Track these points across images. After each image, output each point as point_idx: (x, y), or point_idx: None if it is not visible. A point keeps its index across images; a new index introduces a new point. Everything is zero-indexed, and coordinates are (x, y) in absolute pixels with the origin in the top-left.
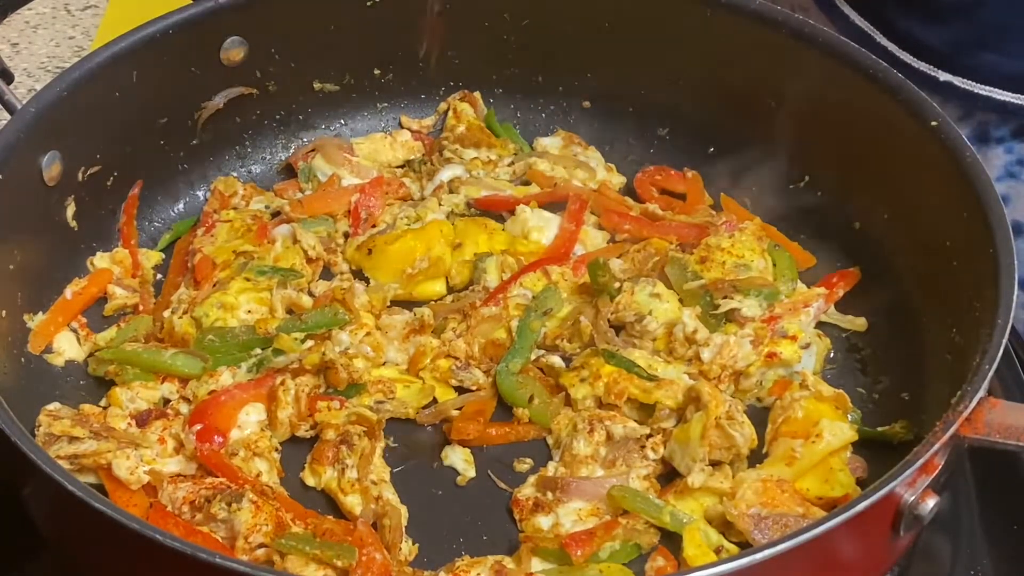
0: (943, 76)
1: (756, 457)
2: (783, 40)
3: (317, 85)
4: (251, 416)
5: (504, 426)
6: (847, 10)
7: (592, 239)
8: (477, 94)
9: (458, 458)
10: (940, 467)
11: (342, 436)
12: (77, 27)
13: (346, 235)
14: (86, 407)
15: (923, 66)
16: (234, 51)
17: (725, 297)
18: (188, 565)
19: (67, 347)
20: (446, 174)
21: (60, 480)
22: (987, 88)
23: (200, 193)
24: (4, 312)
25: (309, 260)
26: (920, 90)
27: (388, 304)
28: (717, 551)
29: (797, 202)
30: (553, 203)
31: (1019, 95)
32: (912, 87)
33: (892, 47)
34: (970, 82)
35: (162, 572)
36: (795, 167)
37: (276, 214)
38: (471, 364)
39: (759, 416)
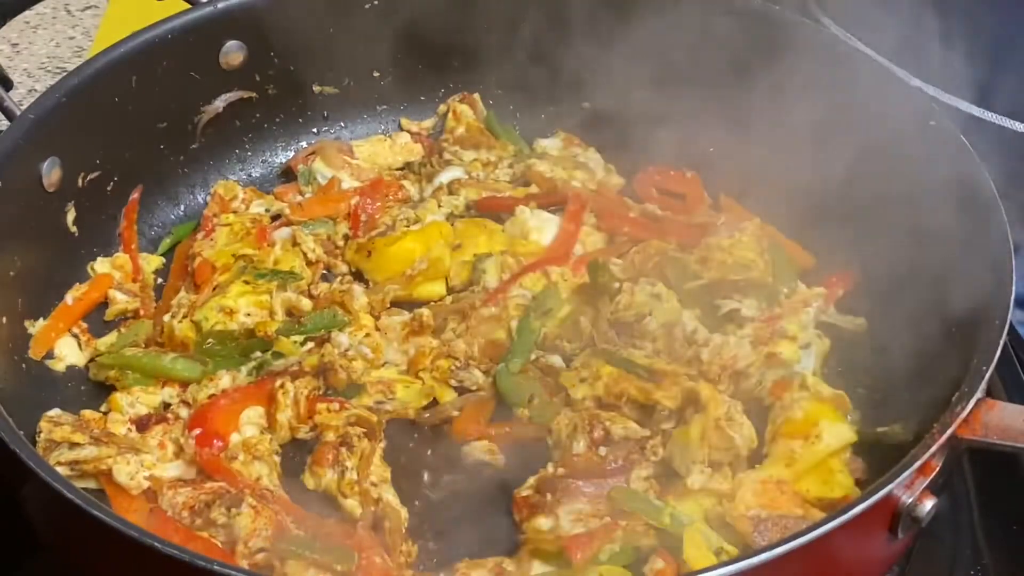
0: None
1: (756, 457)
2: (786, 41)
3: (316, 88)
4: (251, 419)
5: (504, 426)
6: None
7: (591, 239)
8: (476, 96)
9: (482, 452)
10: (938, 469)
11: (342, 438)
12: (77, 27)
13: (346, 237)
14: (87, 413)
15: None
16: (233, 55)
17: (725, 297)
18: (186, 572)
19: (68, 352)
20: (446, 176)
21: (59, 488)
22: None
23: (200, 197)
24: (5, 318)
25: (309, 262)
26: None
27: (388, 305)
28: (717, 553)
29: (797, 202)
30: (552, 204)
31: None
32: (910, 86)
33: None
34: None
35: None
36: (794, 166)
37: (276, 217)
38: (471, 364)
39: (759, 416)
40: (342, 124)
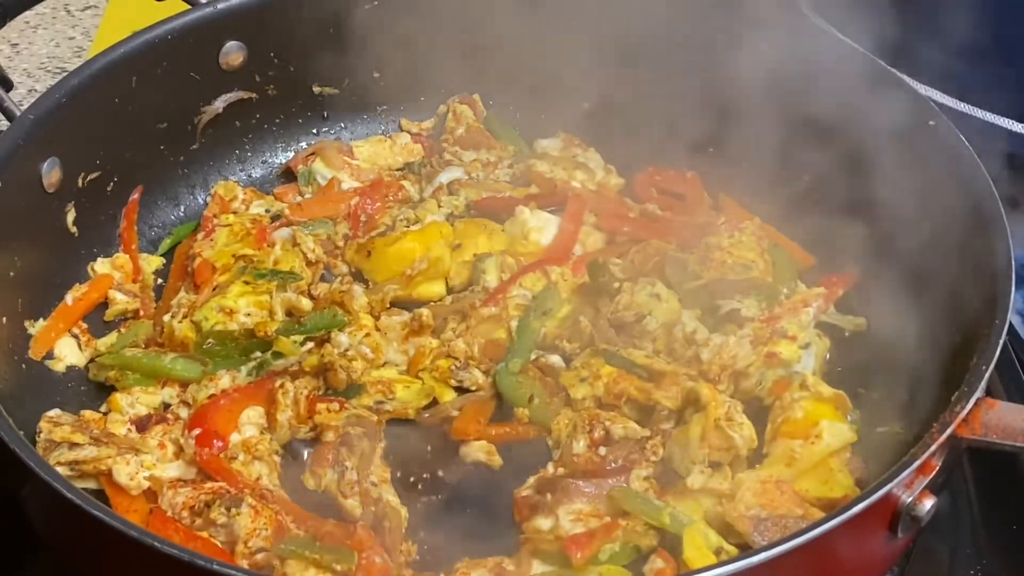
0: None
1: (756, 457)
2: (781, 41)
3: (316, 89)
4: (251, 419)
5: (504, 426)
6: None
7: (591, 239)
8: (476, 96)
9: (480, 452)
10: (938, 468)
11: (342, 438)
12: (77, 27)
13: (346, 237)
14: (87, 413)
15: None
16: (233, 56)
17: (725, 297)
18: (186, 572)
19: (68, 353)
20: (446, 176)
21: (58, 488)
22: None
23: (200, 198)
24: (5, 318)
25: (309, 263)
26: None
27: (388, 305)
28: (717, 553)
29: (796, 202)
30: (552, 204)
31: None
32: (911, 88)
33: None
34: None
35: None
36: (793, 167)
37: (276, 218)
38: (471, 364)
39: (759, 416)
40: (342, 124)
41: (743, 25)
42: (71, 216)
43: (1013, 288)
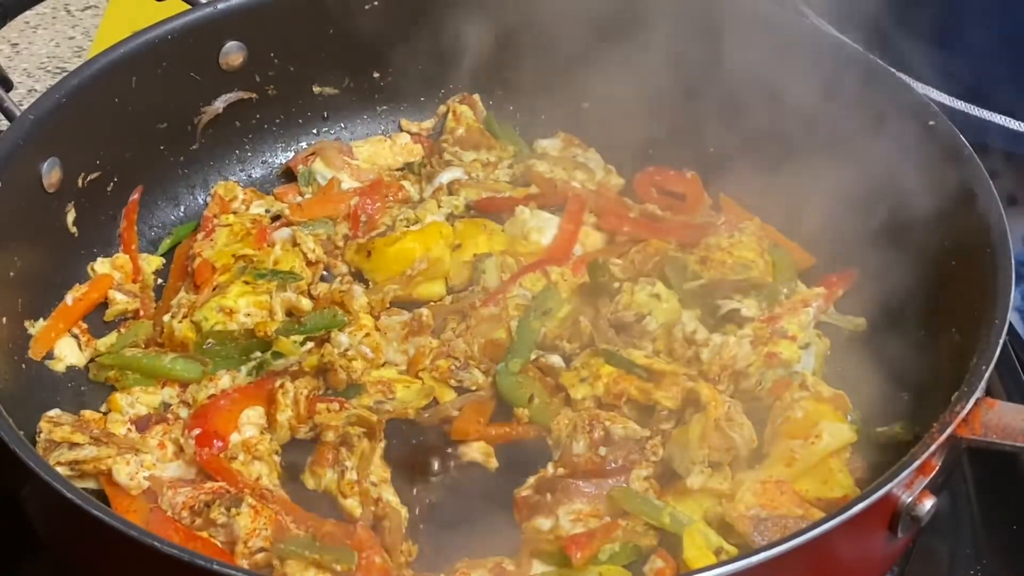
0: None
1: (756, 457)
2: (780, 41)
3: (316, 89)
4: (251, 419)
5: (504, 426)
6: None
7: (591, 239)
8: (476, 96)
9: (477, 453)
10: (937, 468)
11: (342, 438)
12: (77, 27)
13: (346, 237)
14: (87, 413)
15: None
16: (233, 56)
17: (725, 297)
18: (186, 572)
19: (68, 353)
20: (446, 176)
21: (58, 488)
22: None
23: (200, 198)
24: (5, 318)
25: (309, 263)
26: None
27: (387, 305)
28: (717, 553)
29: (796, 202)
30: (552, 204)
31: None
32: (910, 87)
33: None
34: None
35: None
36: (793, 167)
37: (276, 218)
38: (470, 364)
39: (759, 416)
40: (342, 124)
41: (742, 24)
42: (71, 216)
43: (1013, 288)
